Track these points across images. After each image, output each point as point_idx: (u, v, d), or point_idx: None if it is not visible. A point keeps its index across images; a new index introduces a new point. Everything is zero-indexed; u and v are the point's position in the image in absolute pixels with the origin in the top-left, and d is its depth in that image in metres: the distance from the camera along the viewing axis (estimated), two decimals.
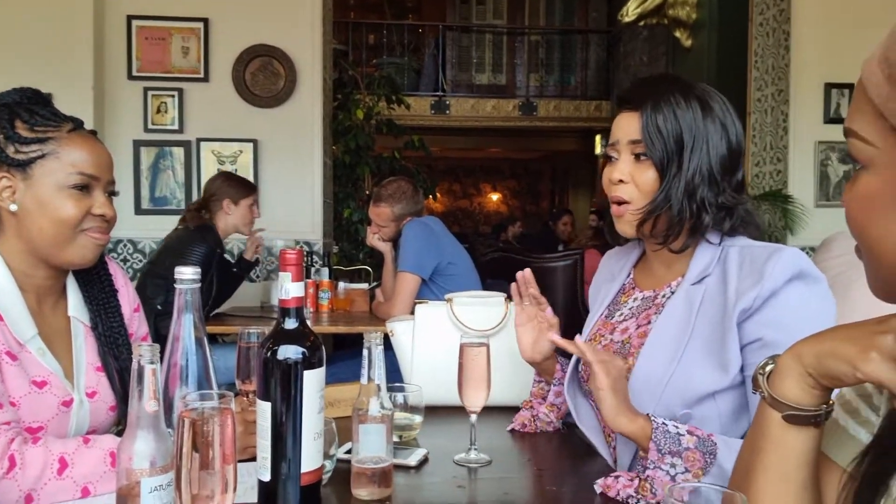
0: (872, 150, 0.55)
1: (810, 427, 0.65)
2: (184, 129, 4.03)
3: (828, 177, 3.91)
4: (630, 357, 1.21)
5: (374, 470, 1.04)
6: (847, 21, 3.84)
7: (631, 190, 1.18)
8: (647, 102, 1.17)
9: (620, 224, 1.22)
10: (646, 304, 1.27)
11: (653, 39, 7.44)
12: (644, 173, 1.17)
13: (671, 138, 1.15)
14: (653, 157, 1.16)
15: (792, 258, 1.09)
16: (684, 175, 1.15)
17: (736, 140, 1.19)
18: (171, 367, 0.90)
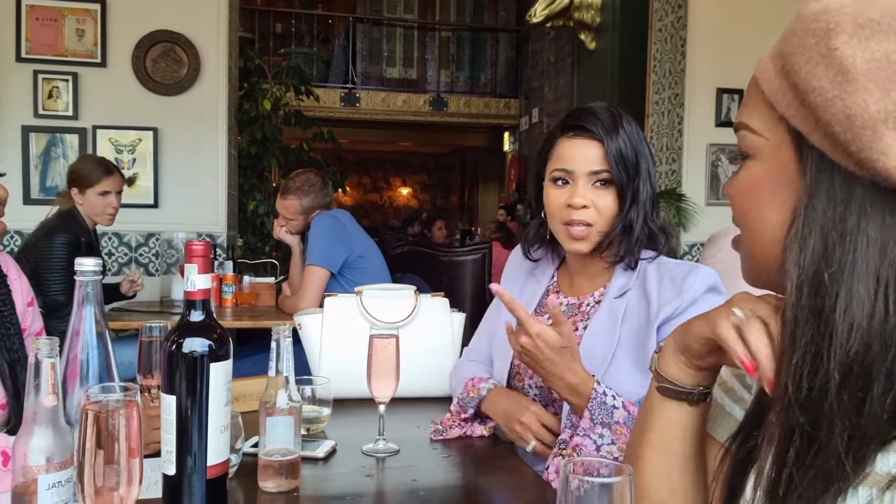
0: (761, 140, 0.58)
1: (684, 403, 0.71)
2: (78, 116, 3.83)
3: (718, 177, 4.15)
4: None
5: (282, 462, 1.04)
6: (738, 31, 4.08)
7: (593, 214, 1.25)
8: (607, 132, 1.23)
9: (580, 244, 1.27)
10: (571, 310, 1.34)
11: (559, 40, 7.65)
12: (604, 199, 1.25)
13: (630, 166, 1.23)
14: (617, 184, 1.23)
15: (708, 274, 1.22)
16: (640, 199, 1.24)
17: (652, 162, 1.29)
18: (69, 361, 0.87)
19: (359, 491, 1.07)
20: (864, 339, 0.51)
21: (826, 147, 0.53)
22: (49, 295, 2.66)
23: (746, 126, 0.60)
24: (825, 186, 0.53)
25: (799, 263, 0.54)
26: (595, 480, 0.56)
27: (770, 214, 0.58)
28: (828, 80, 0.51)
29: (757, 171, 0.59)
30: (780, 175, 0.57)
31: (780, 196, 0.57)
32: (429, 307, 1.67)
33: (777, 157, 0.57)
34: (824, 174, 0.53)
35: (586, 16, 6.41)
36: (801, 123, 0.54)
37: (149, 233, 3.92)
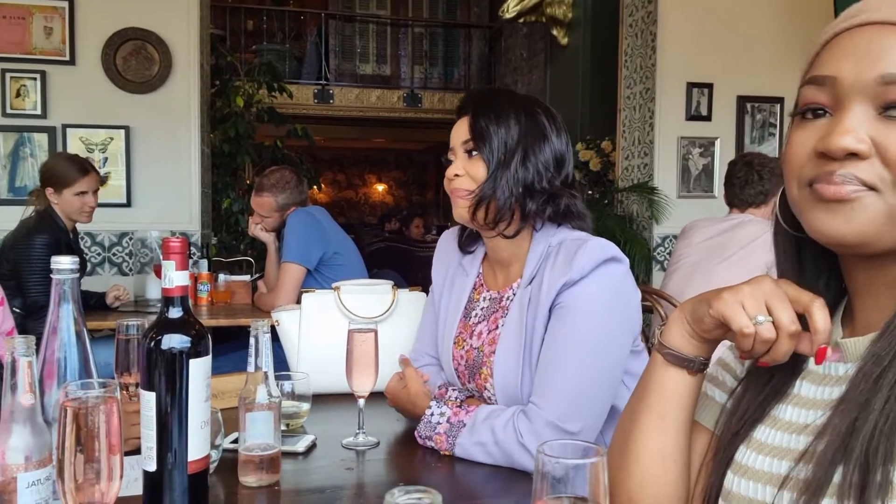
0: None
1: (683, 371, 0.75)
2: (47, 115, 3.77)
3: (688, 170, 4.20)
4: (483, 366, 1.30)
5: (262, 457, 1.05)
6: (706, 26, 4.14)
7: (467, 181, 1.30)
8: (475, 107, 1.31)
9: (456, 208, 1.32)
10: (493, 305, 1.36)
11: (532, 36, 7.68)
12: (474, 167, 1.29)
13: (496, 136, 1.28)
14: (481, 151, 1.28)
15: (598, 248, 1.21)
16: (510, 166, 1.27)
17: (559, 147, 1.32)
18: (46, 360, 0.87)
19: (339, 484, 1.08)
20: None
21: None
22: (29, 296, 2.64)
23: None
24: None
25: None
26: (569, 462, 0.58)
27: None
28: None
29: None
30: None
31: None
32: (407, 302, 1.69)
33: None
34: None
35: (558, 11, 6.45)
36: None
37: (122, 232, 3.88)
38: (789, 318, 0.65)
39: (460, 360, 1.37)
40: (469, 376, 1.35)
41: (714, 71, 4.16)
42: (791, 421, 0.70)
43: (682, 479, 0.76)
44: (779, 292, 0.67)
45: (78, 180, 2.81)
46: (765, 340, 0.66)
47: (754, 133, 4.23)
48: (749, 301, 0.67)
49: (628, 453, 0.77)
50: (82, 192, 2.82)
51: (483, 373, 1.30)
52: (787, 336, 0.65)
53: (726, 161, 4.22)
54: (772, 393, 0.73)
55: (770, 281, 0.68)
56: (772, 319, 0.66)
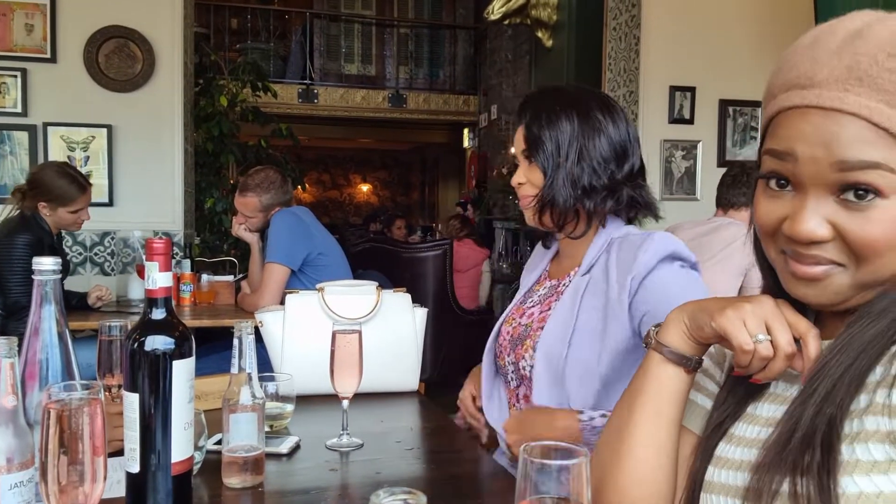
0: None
1: (680, 368, 0.78)
2: (28, 113, 3.73)
3: (671, 172, 4.24)
4: (528, 339, 1.34)
5: (246, 458, 1.05)
6: (689, 30, 4.18)
7: (529, 188, 1.35)
8: (528, 115, 1.35)
9: (526, 215, 1.39)
10: (550, 291, 1.40)
11: (517, 38, 7.70)
12: (534, 174, 1.34)
13: (549, 142, 1.31)
14: (536, 158, 1.32)
15: (662, 241, 1.24)
16: (564, 169, 1.30)
17: (617, 136, 1.33)
18: (28, 361, 0.87)
19: (323, 485, 1.09)
20: None
21: None
22: (10, 296, 2.61)
23: (889, 168, 0.64)
24: None
25: None
26: (553, 463, 0.59)
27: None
28: None
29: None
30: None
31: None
32: (391, 303, 1.69)
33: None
34: None
35: (543, 14, 6.47)
36: None
37: (104, 232, 3.85)
38: (787, 340, 0.69)
39: (506, 335, 1.42)
40: (510, 349, 1.38)
41: (697, 75, 4.20)
42: (764, 416, 0.74)
43: (673, 474, 0.79)
44: (778, 314, 0.71)
45: (76, 199, 2.81)
46: (763, 358, 0.70)
47: (736, 136, 4.27)
48: (751, 319, 0.70)
49: (623, 448, 0.79)
50: (78, 209, 2.83)
51: (526, 344, 1.34)
52: (784, 357, 0.69)
53: (709, 164, 4.28)
54: (747, 395, 0.77)
55: (770, 301, 0.72)
56: (770, 339, 0.70)
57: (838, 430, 0.62)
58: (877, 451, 0.60)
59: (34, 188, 2.79)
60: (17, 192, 2.83)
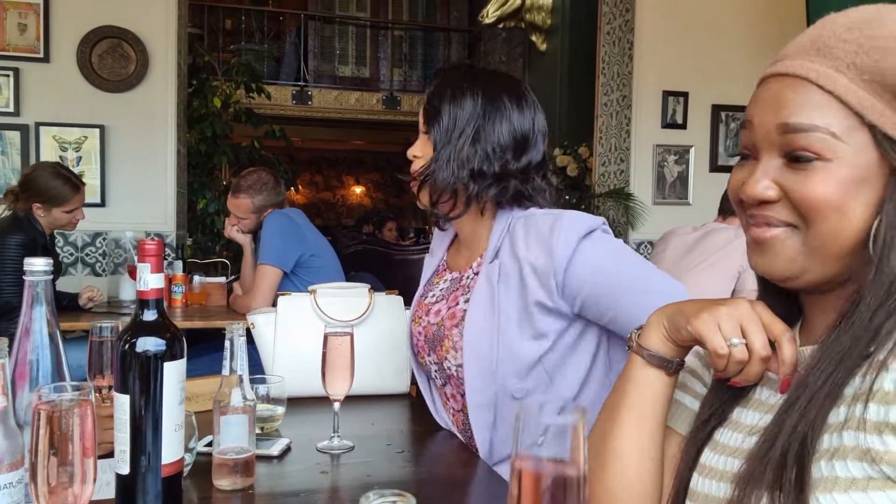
0: (840, 143, 0.64)
1: (662, 371, 0.79)
2: (20, 112, 3.72)
3: (664, 177, 4.26)
4: (445, 339, 1.31)
5: (236, 460, 1.05)
6: (682, 36, 4.20)
7: (420, 163, 1.32)
8: (433, 87, 1.31)
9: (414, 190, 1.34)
10: (453, 285, 1.37)
11: (511, 41, 7.72)
12: (427, 146, 1.31)
13: (446, 117, 1.27)
14: (430, 131, 1.29)
15: (574, 221, 1.20)
16: (453, 146, 1.26)
17: (521, 126, 1.28)
18: (18, 362, 0.87)
19: (314, 487, 1.08)
20: None
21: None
22: (2, 297, 2.60)
23: (828, 131, 0.65)
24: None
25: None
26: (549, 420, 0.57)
27: (854, 210, 0.65)
28: None
29: (842, 172, 0.65)
30: (864, 173, 0.64)
31: (865, 192, 0.64)
32: (383, 305, 1.69)
33: (856, 159, 0.64)
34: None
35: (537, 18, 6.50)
36: (894, 128, 0.63)
37: (95, 232, 3.83)
38: (761, 343, 0.69)
39: (418, 336, 1.39)
40: (429, 350, 1.36)
41: (690, 80, 4.22)
42: (747, 423, 0.74)
43: (658, 477, 0.79)
44: (754, 316, 0.70)
45: (71, 199, 2.82)
46: (738, 362, 0.70)
47: (728, 141, 4.30)
48: (725, 322, 0.70)
49: (608, 451, 0.79)
50: (73, 209, 2.84)
51: (445, 345, 1.31)
52: (759, 360, 0.69)
53: (701, 169, 4.30)
54: (732, 398, 0.77)
55: (746, 304, 0.72)
56: (745, 342, 0.70)
57: (810, 449, 0.62)
58: (855, 468, 0.59)
59: (28, 189, 2.78)
60: (10, 194, 2.82)
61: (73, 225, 2.92)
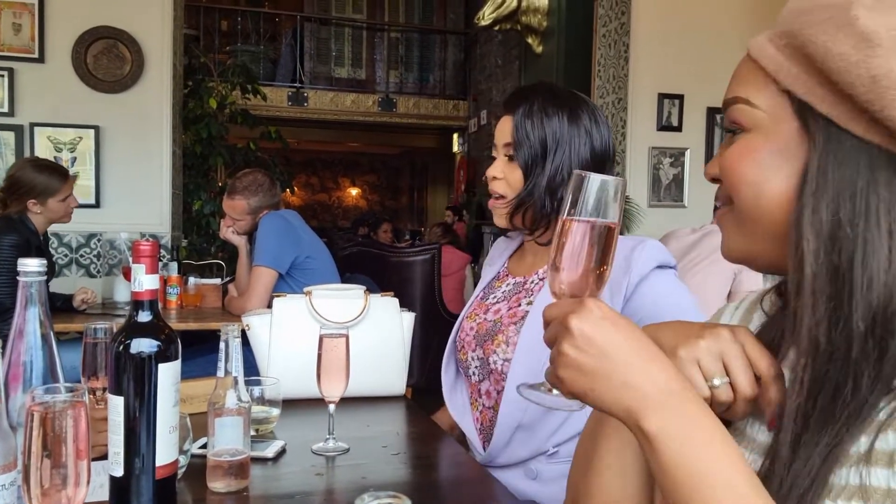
0: (761, 113, 0.61)
1: None
2: (15, 113, 3.71)
3: (659, 179, 4.27)
4: (499, 334, 1.32)
5: (231, 462, 1.04)
6: (678, 38, 4.21)
7: (504, 186, 1.32)
8: (519, 109, 1.30)
9: (495, 216, 1.36)
10: (516, 288, 1.39)
11: (507, 44, 7.73)
12: (513, 172, 1.31)
13: (537, 142, 1.28)
14: (518, 159, 1.29)
15: (655, 249, 1.23)
16: (547, 174, 1.28)
17: (601, 145, 1.31)
18: (11, 363, 0.86)
19: (308, 490, 1.08)
20: (884, 289, 0.55)
21: (838, 112, 0.57)
22: None
23: (744, 100, 0.62)
24: (833, 152, 0.57)
25: (815, 224, 0.57)
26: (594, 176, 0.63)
27: (770, 183, 0.61)
28: (850, 45, 0.54)
29: (755, 141, 0.62)
30: (779, 144, 0.60)
31: (783, 164, 0.60)
32: (379, 307, 1.69)
33: (776, 128, 0.61)
34: (832, 141, 0.57)
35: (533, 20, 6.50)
36: (807, 93, 0.58)
37: (90, 233, 3.82)
38: (746, 382, 0.63)
39: (469, 331, 1.40)
40: (476, 345, 1.37)
41: (685, 82, 4.23)
42: None
43: (643, 495, 0.74)
44: (736, 350, 0.64)
45: (61, 188, 2.82)
46: (722, 403, 0.63)
47: None
48: (705, 359, 0.64)
49: (591, 469, 0.75)
50: (66, 196, 2.84)
51: (497, 339, 1.32)
52: (745, 400, 0.63)
53: (696, 171, 4.31)
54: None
55: (728, 335, 0.64)
56: (728, 381, 0.63)
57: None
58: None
59: (17, 189, 2.77)
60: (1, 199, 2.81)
61: (68, 216, 2.90)
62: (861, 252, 0.55)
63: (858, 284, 0.55)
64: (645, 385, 0.58)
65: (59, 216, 2.87)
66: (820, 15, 0.57)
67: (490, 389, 1.36)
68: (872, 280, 0.55)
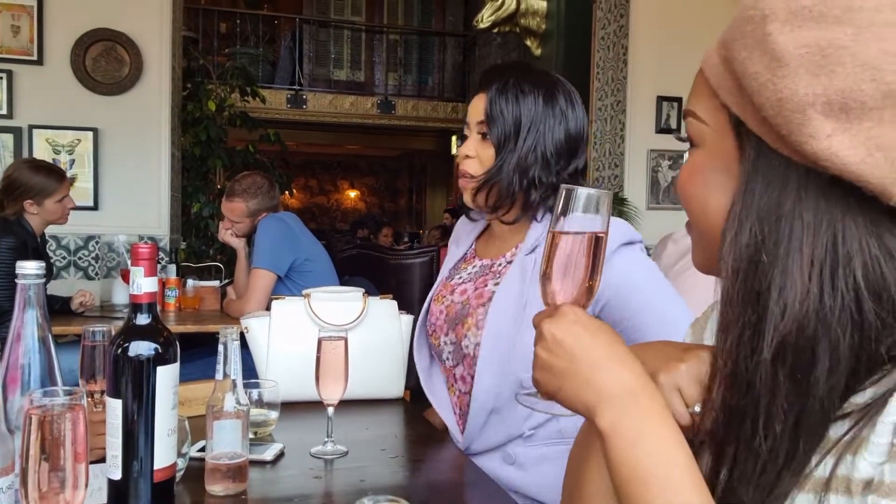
0: (704, 127, 0.59)
1: None
2: (13, 115, 3.71)
3: (658, 182, 4.27)
4: (469, 317, 1.32)
5: (229, 465, 1.04)
6: (677, 41, 4.21)
7: (475, 165, 1.30)
8: (493, 86, 1.28)
9: (464, 194, 1.34)
10: (483, 270, 1.38)
11: (506, 46, 7.74)
12: (486, 150, 1.29)
13: (510, 120, 1.26)
14: (491, 136, 1.27)
15: (619, 228, 1.22)
16: (518, 153, 1.26)
17: (575, 128, 1.29)
18: (10, 366, 0.86)
19: (307, 493, 1.08)
20: (797, 321, 0.51)
21: (763, 132, 0.53)
22: None
23: (693, 113, 0.60)
24: (762, 171, 0.54)
25: (736, 247, 0.54)
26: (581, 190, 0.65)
27: (712, 200, 0.58)
28: (763, 65, 0.51)
29: (700, 157, 0.60)
30: (721, 161, 0.58)
31: (722, 181, 0.57)
32: (377, 309, 1.68)
33: (719, 144, 0.58)
34: (762, 160, 0.54)
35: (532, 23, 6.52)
36: (739, 109, 0.55)
37: (88, 236, 3.82)
38: None
39: (439, 314, 1.40)
40: (448, 328, 1.36)
41: (684, 85, 4.19)
42: None
43: None
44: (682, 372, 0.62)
45: (58, 188, 2.82)
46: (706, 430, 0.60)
47: None
48: (686, 384, 0.62)
49: (578, 492, 0.73)
50: (63, 197, 2.84)
51: (467, 323, 1.31)
52: None
53: None
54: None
55: (709, 356, 0.62)
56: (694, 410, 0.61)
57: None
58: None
59: (14, 190, 2.76)
60: None
61: (65, 217, 2.89)
62: (779, 279, 0.52)
63: (772, 313, 0.52)
64: (606, 383, 0.58)
65: (56, 217, 2.86)
66: (742, 28, 0.54)
67: (465, 374, 1.35)
68: (786, 310, 0.52)
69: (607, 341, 0.61)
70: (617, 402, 0.57)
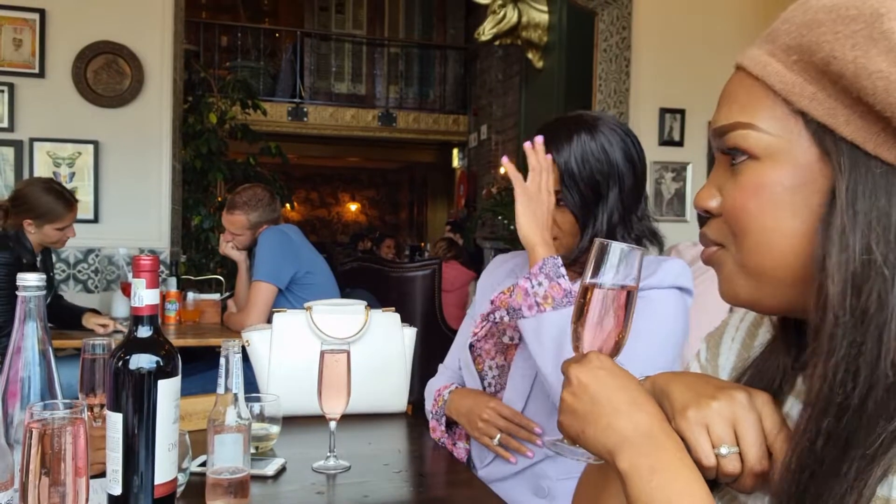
0: (770, 138, 0.54)
1: None
2: (15, 128, 3.71)
3: (661, 193, 4.26)
4: None
5: (231, 480, 1.03)
6: (679, 53, 4.22)
7: (556, 231, 1.24)
8: (560, 152, 1.21)
9: None
10: None
11: (507, 59, 7.77)
12: (563, 216, 1.23)
13: (587, 187, 1.21)
14: (568, 206, 1.22)
15: (681, 270, 1.22)
16: (602, 217, 1.22)
17: (641, 166, 1.27)
18: (9, 379, 0.85)
19: None
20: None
21: (866, 136, 0.50)
22: None
23: (749, 125, 0.55)
24: (862, 180, 0.50)
25: (842, 264, 0.50)
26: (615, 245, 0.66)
27: (787, 219, 0.54)
28: (888, 62, 0.48)
29: (771, 174, 0.54)
30: (799, 174, 0.53)
31: (800, 197, 0.53)
32: (380, 322, 1.67)
33: (793, 156, 0.54)
34: (860, 168, 0.50)
35: (534, 35, 6.54)
36: (827, 115, 0.52)
37: (88, 248, 3.81)
38: (756, 456, 0.57)
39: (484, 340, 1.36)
40: (496, 352, 1.35)
41: (686, 97, 4.24)
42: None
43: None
44: (751, 419, 0.58)
45: (63, 217, 2.76)
46: (727, 474, 0.57)
47: None
48: (716, 424, 0.58)
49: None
50: (65, 227, 2.78)
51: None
52: (753, 475, 0.57)
53: (698, 186, 4.31)
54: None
55: (744, 398, 0.58)
56: (737, 451, 0.57)
57: None
58: None
59: (20, 205, 2.75)
60: (0, 210, 2.79)
61: (62, 243, 2.86)
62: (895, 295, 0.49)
63: (891, 327, 0.49)
64: (626, 428, 0.59)
65: (52, 242, 2.81)
66: (842, 28, 0.50)
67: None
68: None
69: (628, 387, 0.62)
70: (636, 445, 0.58)
